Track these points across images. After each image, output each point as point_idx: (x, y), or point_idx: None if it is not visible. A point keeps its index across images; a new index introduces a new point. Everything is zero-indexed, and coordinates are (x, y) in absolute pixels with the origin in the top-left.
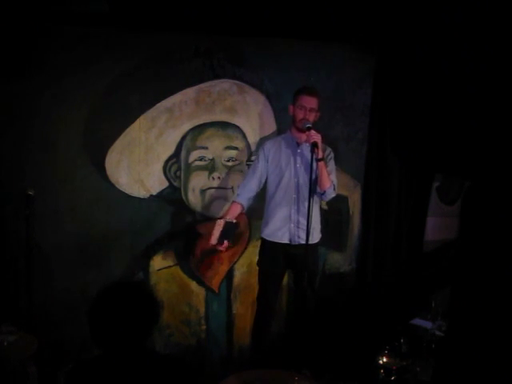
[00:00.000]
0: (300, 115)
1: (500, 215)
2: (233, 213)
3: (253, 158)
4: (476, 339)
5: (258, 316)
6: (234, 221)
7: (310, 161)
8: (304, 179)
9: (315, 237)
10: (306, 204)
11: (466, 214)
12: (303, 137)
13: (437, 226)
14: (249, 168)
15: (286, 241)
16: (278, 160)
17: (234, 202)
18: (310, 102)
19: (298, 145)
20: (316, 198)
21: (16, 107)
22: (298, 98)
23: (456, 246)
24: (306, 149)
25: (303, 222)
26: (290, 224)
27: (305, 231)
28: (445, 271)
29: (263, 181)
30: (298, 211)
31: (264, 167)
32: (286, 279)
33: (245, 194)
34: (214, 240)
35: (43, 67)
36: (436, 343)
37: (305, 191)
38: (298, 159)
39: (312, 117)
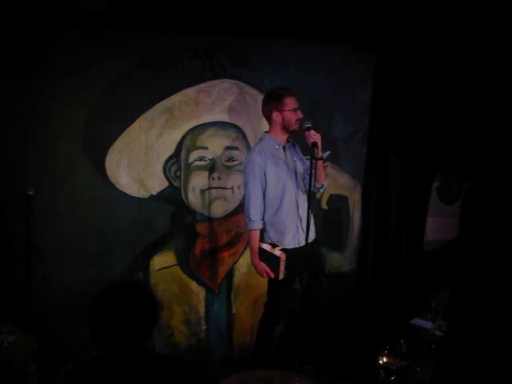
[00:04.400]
0: (294, 117)
1: (500, 215)
2: (257, 241)
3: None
4: (476, 339)
5: (268, 324)
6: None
7: (299, 160)
8: (299, 179)
9: (313, 232)
10: (306, 198)
11: (466, 213)
12: (285, 136)
13: (437, 226)
14: (248, 188)
15: (302, 243)
16: (275, 168)
17: (252, 230)
18: (296, 102)
19: (284, 148)
20: (305, 195)
21: (16, 107)
22: (284, 103)
23: (456, 245)
24: (290, 150)
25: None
26: (302, 225)
27: (311, 228)
28: (445, 271)
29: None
30: (304, 211)
31: (263, 182)
32: None
33: (259, 216)
34: (283, 275)
35: (43, 67)
36: (436, 343)
37: (303, 189)
38: (290, 161)
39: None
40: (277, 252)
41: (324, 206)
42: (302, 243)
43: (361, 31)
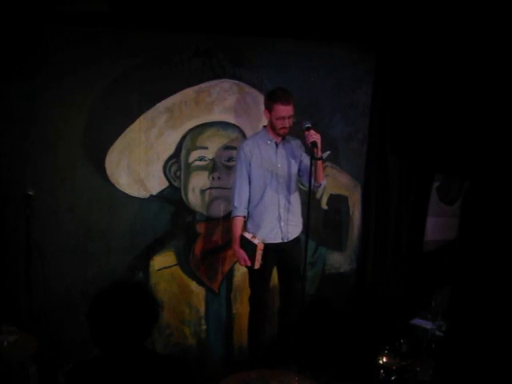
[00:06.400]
0: (279, 124)
1: (499, 215)
2: (239, 228)
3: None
4: (475, 339)
5: (254, 316)
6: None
7: (294, 159)
8: (288, 177)
9: (298, 231)
10: (292, 200)
11: (466, 213)
12: (279, 137)
13: (437, 225)
14: (235, 175)
15: (278, 240)
16: (260, 162)
17: (234, 217)
18: (287, 110)
19: (277, 144)
20: (296, 193)
21: (16, 107)
22: (274, 108)
23: (456, 245)
24: (285, 147)
25: (292, 218)
26: (280, 223)
27: (294, 227)
28: (445, 271)
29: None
30: (286, 209)
31: (248, 170)
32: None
33: (242, 204)
34: (258, 265)
35: (43, 67)
36: (436, 343)
37: (291, 188)
38: (280, 158)
39: (290, 122)
40: (255, 240)
41: (324, 206)
42: (279, 240)
43: (361, 31)
